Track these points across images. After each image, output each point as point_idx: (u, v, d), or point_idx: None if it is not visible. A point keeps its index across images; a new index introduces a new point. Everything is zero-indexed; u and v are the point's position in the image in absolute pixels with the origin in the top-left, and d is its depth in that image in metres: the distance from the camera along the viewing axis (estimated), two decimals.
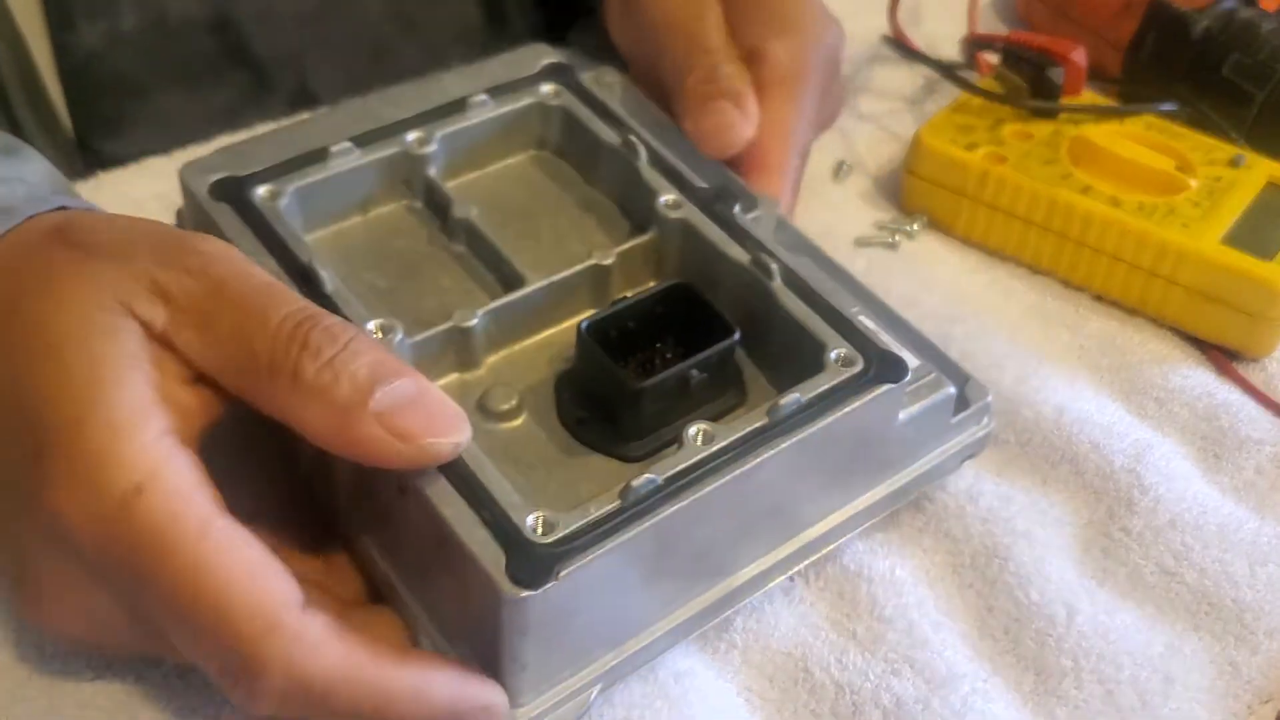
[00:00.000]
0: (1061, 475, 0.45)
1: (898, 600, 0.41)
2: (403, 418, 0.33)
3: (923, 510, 0.44)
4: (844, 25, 0.53)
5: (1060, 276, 0.54)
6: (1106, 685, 0.40)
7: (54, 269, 0.35)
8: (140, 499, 0.31)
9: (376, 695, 0.32)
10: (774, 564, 0.39)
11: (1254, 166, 0.53)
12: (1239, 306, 0.50)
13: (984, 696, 0.39)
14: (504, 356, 0.42)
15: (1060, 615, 0.41)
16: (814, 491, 0.39)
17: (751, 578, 0.39)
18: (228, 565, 0.31)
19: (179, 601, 0.31)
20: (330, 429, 0.33)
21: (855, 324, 0.39)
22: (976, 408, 0.43)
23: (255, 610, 0.31)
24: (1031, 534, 0.43)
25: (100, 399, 0.32)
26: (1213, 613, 0.42)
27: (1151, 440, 0.46)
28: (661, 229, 0.43)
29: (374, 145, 0.44)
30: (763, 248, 0.41)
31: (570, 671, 0.36)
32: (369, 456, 0.33)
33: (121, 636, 0.35)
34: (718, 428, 0.36)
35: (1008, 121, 0.56)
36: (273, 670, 0.31)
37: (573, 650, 0.36)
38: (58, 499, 0.32)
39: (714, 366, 0.39)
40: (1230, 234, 0.51)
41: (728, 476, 0.35)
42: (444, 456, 0.34)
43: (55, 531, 0.32)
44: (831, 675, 0.39)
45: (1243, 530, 0.44)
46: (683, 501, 0.35)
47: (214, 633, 0.31)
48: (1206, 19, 0.57)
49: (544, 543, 0.33)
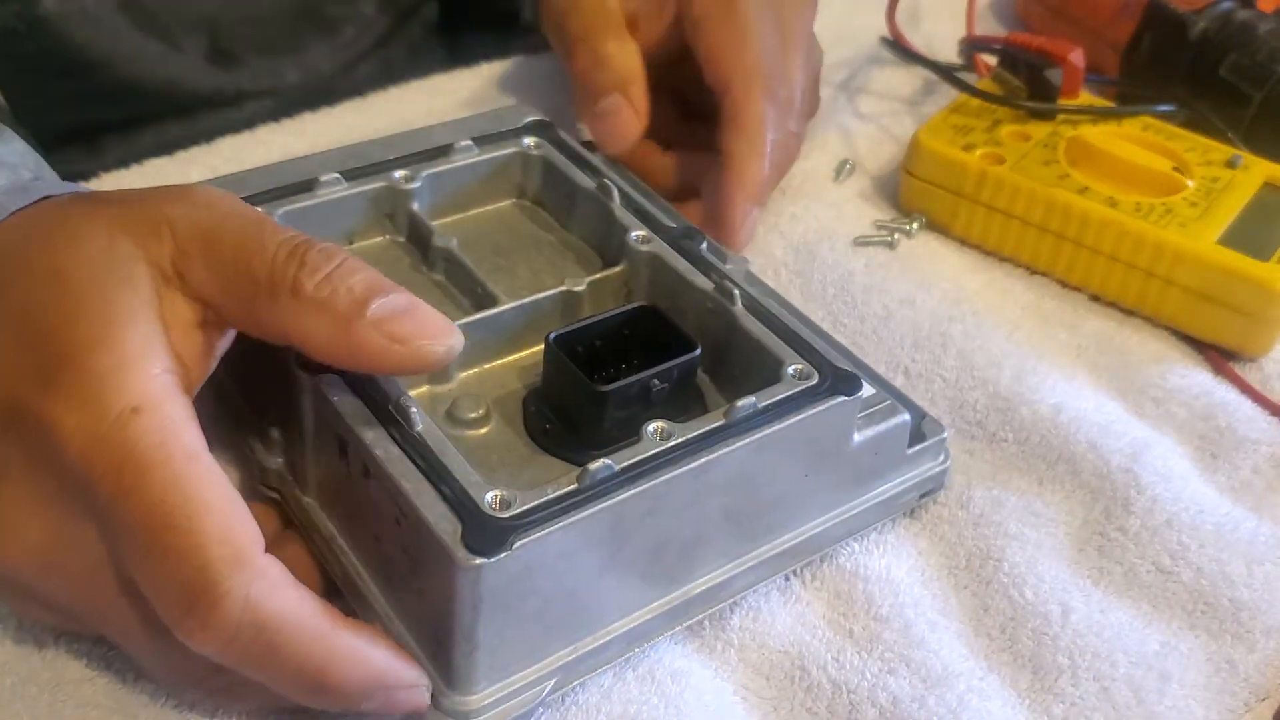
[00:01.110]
0: (1058, 474, 0.46)
1: (894, 599, 0.41)
2: (398, 324, 0.35)
3: (918, 511, 0.44)
4: (842, 26, 0.53)
5: (1058, 276, 0.54)
6: (1102, 683, 0.40)
7: (67, 213, 0.37)
8: (136, 418, 0.32)
9: (321, 650, 0.33)
10: (732, 575, 0.40)
11: (1251, 167, 0.54)
12: (1236, 306, 0.50)
13: (980, 694, 0.39)
14: (475, 373, 0.43)
15: (1056, 614, 0.41)
16: (770, 503, 0.40)
17: (709, 588, 0.39)
18: (207, 493, 0.32)
19: (154, 519, 0.32)
20: (331, 337, 0.35)
21: (813, 345, 0.41)
22: (933, 442, 0.43)
23: (226, 539, 0.32)
24: (1026, 533, 0.44)
25: (111, 332, 0.34)
26: (1209, 611, 0.42)
27: (1149, 439, 0.46)
28: (631, 261, 0.45)
29: (361, 179, 0.46)
30: (726, 277, 0.43)
31: (524, 664, 0.36)
32: (367, 361, 0.35)
33: (68, 582, 0.35)
34: (675, 426, 0.37)
35: (1005, 122, 0.56)
36: (232, 600, 0.31)
37: (527, 639, 0.36)
38: (56, 410, 0.33)
39: (676, 380, 0.40)
40: (1227, 234, 0.51)
41: (683, 469, 0.36)
42: (437, 359, 0.36)
43: (43, 444, 0.33)
44: (828, 674, 0.39)
45: (1240, 529, 0.44)
46: (638, 488, 0.35)
47: (181, 555, 0.32)
48: (1204, 20, 0.57)
49: (501, 516, 0.34)
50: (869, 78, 0.64)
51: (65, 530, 0.34)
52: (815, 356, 0.40)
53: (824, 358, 0.40)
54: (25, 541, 0.35)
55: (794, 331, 0.41)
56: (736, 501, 0.38)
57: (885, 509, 0.43)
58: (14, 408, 0.34)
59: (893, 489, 0.43)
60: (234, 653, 0.32)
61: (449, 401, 0.41)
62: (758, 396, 0.38)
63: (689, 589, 0.39)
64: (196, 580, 0.32)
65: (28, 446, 0.34)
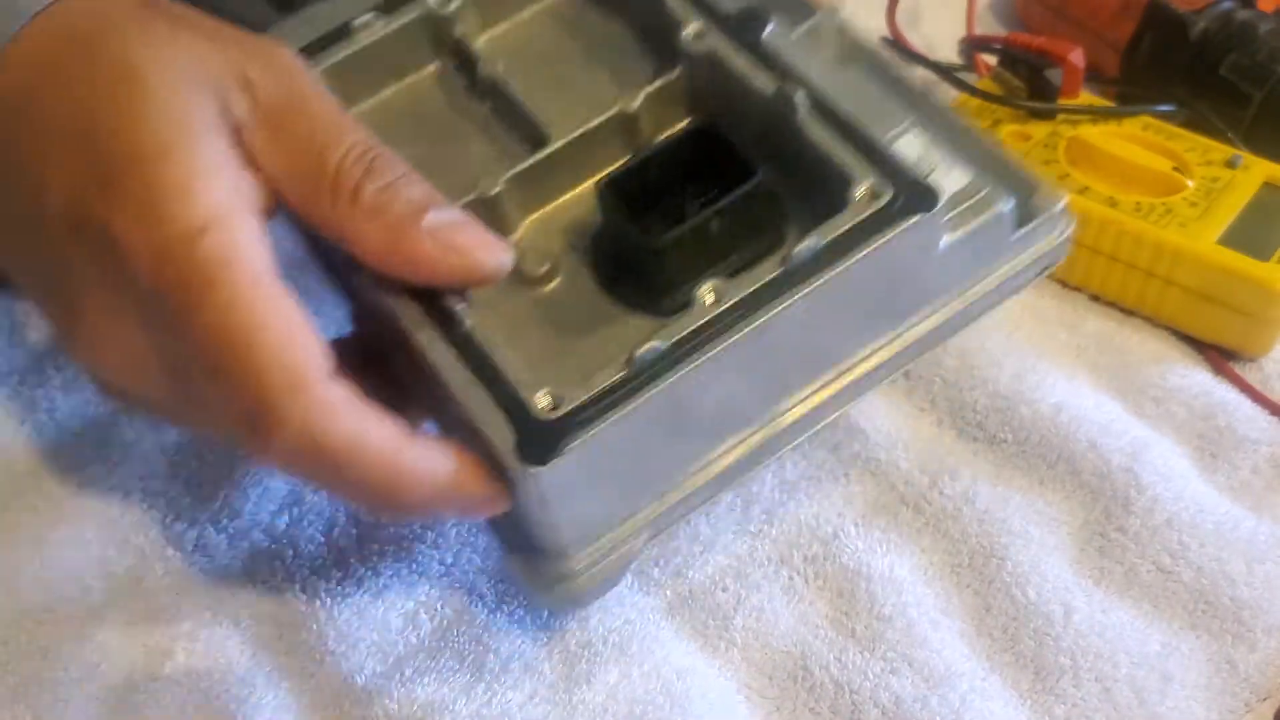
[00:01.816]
0: (1059, 474, 0.46)
1: (896, 599, 0.41)
2: (452, 234, 0.35)
3: (921, 510, 0.44)
4: None
5: (1057, 276, 0.54)
6: (1104, 683, 0.40)
7: (146, 21, 0.35)
8: (204, 236, 0.32)
9: (388, 471, 0.33)
10: (818, 405, 0.38)
11: (1251, 167, 0.53)
12: (1236, 307, 0.50)
13: (982, 695, 0.39)
14: (537, 219, 0.41)
15: (1058, 614, 0.41)
16: (846, 333, 0.38)
17: (793, 422, 0.38)
18: (269, 317, 0.32)
19: (215, 340, 0.32)
20: (384, 245, 0.35)
21: (887, 152, 0.37)
22: (1046, 217, 0.39)
23: (284, 365, 0.32)
24: (1028, 533, 0.44)
25: (185, 142, 0.33)
26: (1210, 611, 0.42)
27: (1149, 439, 0.47)
28: (687, 64, 0.41)
29: (397, 12, 0.43)
30: (792, 73, 0.39)
31: (610, 526, 0.36)
32: (420, 271, 0.35)
33: (157, 385, 0.35)
34: (729, 285, 0.35)
35: (1005, 122, 0.56)
36: (288, 428, 0.32)
37: (606, 508, 0.36)
38: (122, 223, 0.32)
39: (739, 211, 0.37)
40: (1227, 234, 0.51)
41: (738, 335, 0.35)
42: (490, 272, 0.35)
43: (113, 259, 0.33)
44: (830, 674, 0.39)
45: (1240, 529, 0.44)
46: (692, 364, 0.34)
47: (240, 379, 0.32)
48: (1204, 20, 0.57)
49: (551, 420, 0.34)
50: None
51: (147, 337, 0.34)
52: (888, 166, 0.36)
53: (899, 166, 0.36)
54: (115, 348, 0.35)
55: (867, 136, 0.37)
56: (805, 344, 0.37)
57: (990, 299, 0.40)
58: (80, 215, 0.33)
59: (998, 278, 0.40)
60: (297, 472, 0.34)
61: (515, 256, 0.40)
62: (820, 233, 0.35)
63: (774, 423, 0.38)
64: (254, 405, 0.32)
65: (98, 256, 0.33)
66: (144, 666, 0.39)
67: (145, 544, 0.43)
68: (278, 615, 0.41)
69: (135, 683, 0.39)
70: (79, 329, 0.35)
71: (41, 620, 0.41)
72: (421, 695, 0.38)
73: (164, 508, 0.44)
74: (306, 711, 0.38)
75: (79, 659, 0.39)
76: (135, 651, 0.40)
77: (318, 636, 0.40)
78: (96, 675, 0.39)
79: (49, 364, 0.49)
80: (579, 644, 0.40)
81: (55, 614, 0.41)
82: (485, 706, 0.38)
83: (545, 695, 0.39)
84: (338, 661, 0.39)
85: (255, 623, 0.41)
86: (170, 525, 0.43)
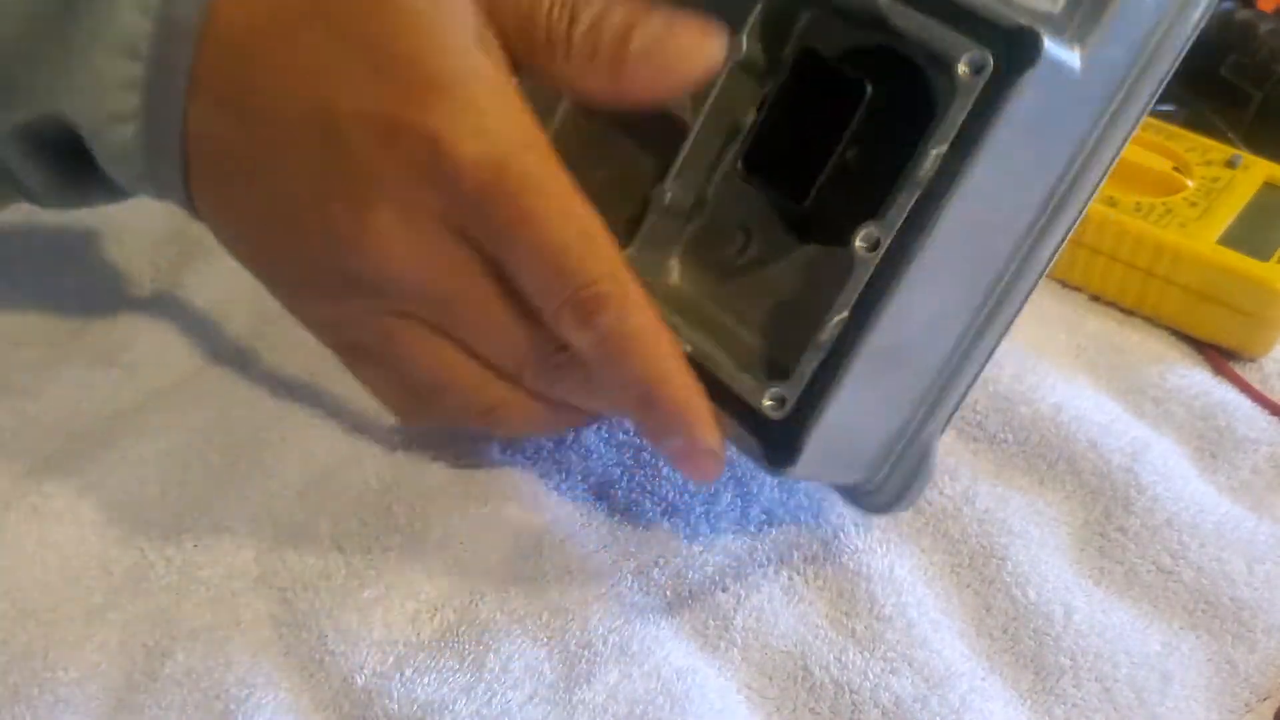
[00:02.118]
0: (1058, 474, 0.46)
1: (896, 599, 0.41)
2: (663, 50, 0.37)
3: (921, 510, 0.44)
4: None
5: (1057, 276, 0.54)
6: (1104, 683, 0.40)
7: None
8: (528, 153, 0.36)
9: (662, 367, 0.37)
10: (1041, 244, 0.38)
11: (1251, 167, 0.54)
12: (1236, 307, 0.50)
13: (982, 695, 0.39)
14: (716, 194, 0.41)
15: (1058, 614, 0.41)
16: (1014, 208, 0.37)
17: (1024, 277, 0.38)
18: (594, 223, 0.37)
19: (550, 239, 0.36)
20: (606, 86, 0.37)
21: (974, 7, 0.34)
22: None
23: (606, 254, 0.37)
24: (1028, 533, 0.44)
25: (484, 61, 0.36)
26: (1210, 610, 0.42)
27: (1149, 439, 0.47)
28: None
29: None
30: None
31: (888, 445, 0.40)
32: (643, 98, 0.37)
33: (451, 279, 0.38)
34: (880, 226, 0.35)
35: None
36: (609, 307, 0.36)
37: (876, 443, 0.39)
38: (451, 137, 0.35)
39: (869, 133, 0.36)
40: (1227, 234, 0.51)
41: (906, 277, 0.35)
42: (709, 70, 0.37)
43: (434, 166, 0.36)
44: (831, 674, 0.39)
45: (1240, 529, 0.44)
46: (880, 320, 0.35)
47: (576, 269, 0.36)
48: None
49: (783, 419, 0.37)
50: None
51: (447, 246, 0.37)
52: (981, 26, 0.33)
53: (992, 21, 0.33)
54: (412, 247, 0.37)
55: (949, 3, 0.34)
56: (978, 239, 0.36)
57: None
58: (394, 126, 0.36)
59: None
60: (598, 350, 0.37)
61: (705, 240, 0.41)
62: (938, 139, 0.34)
63: (997, 287, 0.38)
64: (586, 290, 0.36)
65: (415, 166, 0.36)
66: (144, 667, 0.39)
67: (145, 544, 0.43)
68: (278, 615, 0.41)
69: (136, 683, 0.39)
70: (370, 231, 0.37)
71: (42, 621, 0.40)
72: (421, 695, 0.38)
73: (164, 508, 0.44)
74: (307, 712, 0.38)
75: (79, 660, 0.39)
76: (136, 652, 0.40)
77: (318, 637, 0.40)
78: (97, 676, 0.39)
79: (52, 365, 0.49)
80: (579, 644, 0.40)
81: (55, 614, 0.41)
82: (485, 706, 0.38)
83: (545, 695, 0.39)
84: (337, 662, 0.39)
85: (255, 623, 0.40)
86: (170, 526, 0.43)
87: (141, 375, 0.48)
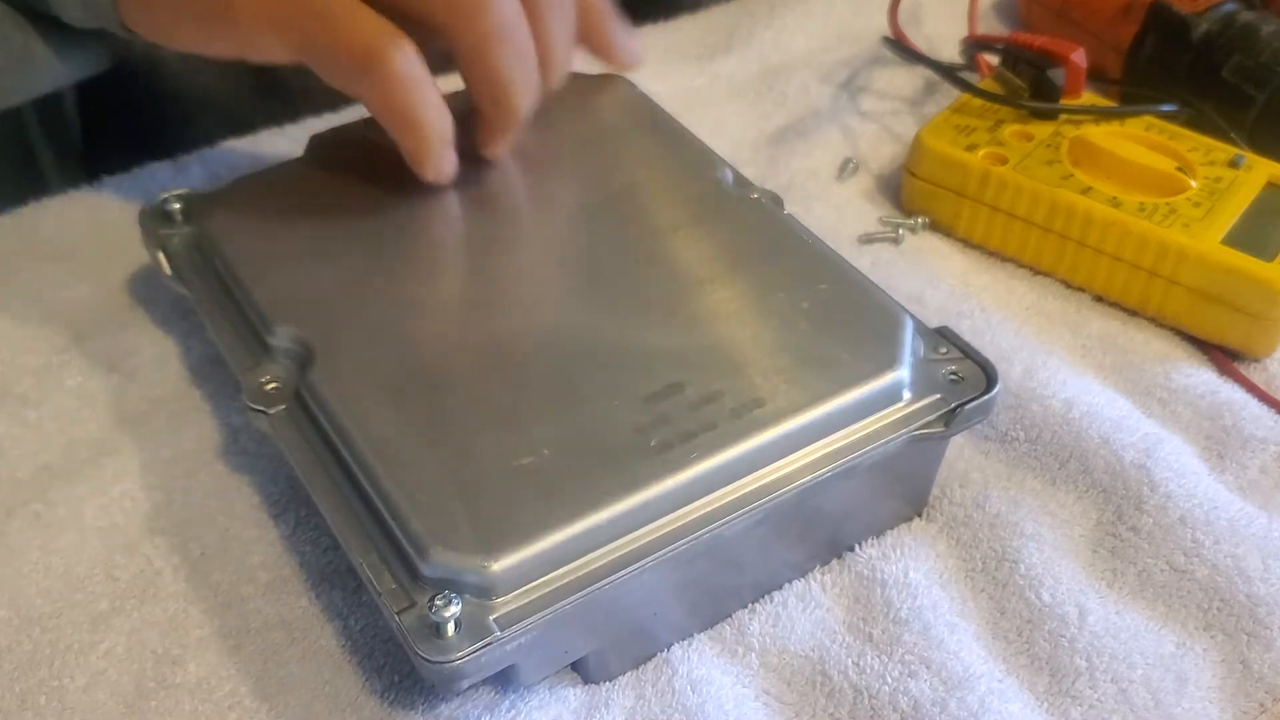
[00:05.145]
0: (1070, 472, 0.46)
1: (912, 603, 0.41)
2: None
3: (934, 515, 0.44)
4: (844, 26, 0.53)
5: (1061, 277, 0.54)
6: (1120, 684, 0.40)
7: None
8: None
9: (433, 104, 0.43)
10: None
11: (1254, 167, 0.54)
12: (1240, 307, 0.50)
13: (1000, 697, 0.39)
14: None
15: (1072, 616, 0.41)
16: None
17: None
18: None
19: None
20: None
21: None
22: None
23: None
24: (1041, 535, 0.44)
25: None
26: (1225, 609, 0.42)
27: (1160, 436, 0.46)
28: None
29: None
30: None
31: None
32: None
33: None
34: None
35: (1008, 123, 0.56)
36: (395, 61, 0.42)
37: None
38: None
39: None
40: (1230, 234, 0.51)
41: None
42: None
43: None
44: (849, 678, 0.39)
45: (1254, 525, 0.44)
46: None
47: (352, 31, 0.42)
48: (1207, 22, 0.57)
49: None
50: (871, 77, 0.64)
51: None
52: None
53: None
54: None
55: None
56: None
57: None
58: None
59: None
60: (386, 92, 0.43)
61: None
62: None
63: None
64: (366, 48, 0.42)
65: None
66: (154, 674, 0.39)
67: (152, 551, 0.42)
68: (290, 623, 0.40)
69: (146, 690, 0.38)
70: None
71: (48, 628, 0.40)
72: (445, 712, 0.38)
73: (170, 515, 0.43)
74: (323, 718, 0.38)
75: (86, 667, 0.39)
76: (145, 659, 0.39)
77: (332, 646, 0.39)
78: (104, 683, 0.39)
79: (53, 371, 0.48)
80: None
81: (61, 621, 0.40)
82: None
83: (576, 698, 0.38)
84: (355, 672, 0.39)
85: (267, 630, 0.40)
86: (177, 532, 0.43)
87: (143, 381, 0.48)
